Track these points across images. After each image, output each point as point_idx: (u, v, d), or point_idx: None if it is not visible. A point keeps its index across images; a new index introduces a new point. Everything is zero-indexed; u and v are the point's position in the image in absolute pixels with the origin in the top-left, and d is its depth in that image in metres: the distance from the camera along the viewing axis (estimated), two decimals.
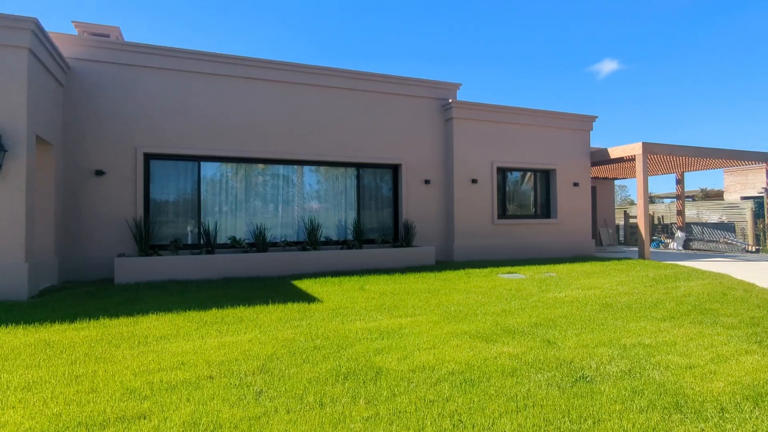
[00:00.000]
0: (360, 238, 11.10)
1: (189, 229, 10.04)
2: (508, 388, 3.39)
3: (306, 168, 11.32)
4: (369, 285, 7.93)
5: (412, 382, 3.50)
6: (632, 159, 13.44)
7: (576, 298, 6.86)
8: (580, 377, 3.61)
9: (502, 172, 13.24)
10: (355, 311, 5.94)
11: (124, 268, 8.31)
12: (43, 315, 5.66)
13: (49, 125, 8.04)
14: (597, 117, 14.28)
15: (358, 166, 11.75)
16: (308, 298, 6.75)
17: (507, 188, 13.38)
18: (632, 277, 8.86)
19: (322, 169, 11.48)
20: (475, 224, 12.41)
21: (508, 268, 10.22)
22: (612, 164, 14.81)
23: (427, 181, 12.14)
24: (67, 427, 2.79)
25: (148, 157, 9.64)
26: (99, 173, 9.05)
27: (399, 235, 11.80)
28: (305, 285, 7.99)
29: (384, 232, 11.91)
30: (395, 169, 12.11)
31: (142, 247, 8.88)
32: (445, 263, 11.34)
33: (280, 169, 11.08)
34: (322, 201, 11.49)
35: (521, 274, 9.41)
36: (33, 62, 7.14)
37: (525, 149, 13.27)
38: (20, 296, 6.73)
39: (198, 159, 10.10)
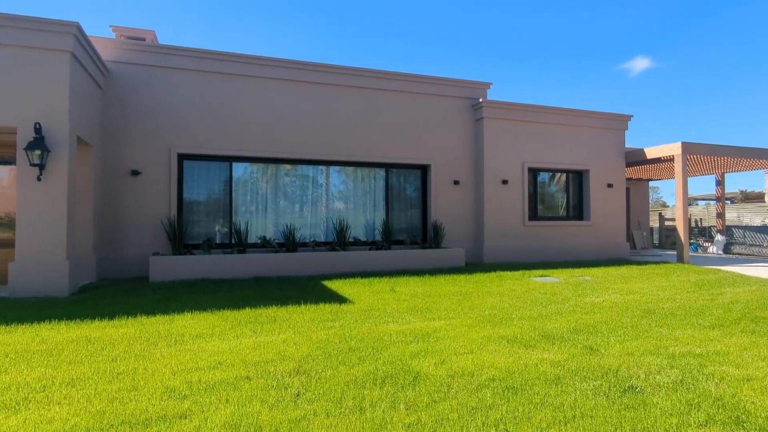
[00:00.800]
0: (389, 239, 11.04)
1: (220, 228, 10.17)
2: (553, 396, 3.26)
3: (334, 168, 11.33)
4: (399, 286, 7.86)
5: (452, 388, 3.40)
6: (670, 159, 12.97)
7: (615, 303, 6.62)
8: (628, 387, 3.44)
9: (534, 172, 12.96)
10: (388, 313, 5.87)
11: (159, 266, 8.46)
12: (83, 312, 5.79)
13: (89, 127, 8.26)
14: (632, 116, 13.84)
15: (387, 166, 11.69)
16: (339, 299, 6.72)
17: (538, 189, 13.09)
18: (673, 282, 8.51)
19: (350, 169, 11.47)
20: (506, 226, 12.18)
21: (541, 271, 9.98)
22: (646, 165, 14.33)
23: (456, 182, 11.98)
24: (111, 425, 2.80)
25: (182, 158, 9.81)
26: (135, 173, 9.25)
27: (428, 236, 11.69)
28: (335, 285, 7.97)
29: (412, 233, 11.81)
30: (424, 170, 11.99)
31: (176, 246, 9.04)
32: (474, 265, 11.17)
33: (309, 169, 11.12)
34: (350, 201, 11.47)
35: (555, 278, 9.17)
36: (75, 65, 7.34)
37: (557, 149, 12.96)
38: (61, 292, 6.92)
39: (229, 159, 10.23)
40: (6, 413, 2.99)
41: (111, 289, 7.64)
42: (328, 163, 11.13)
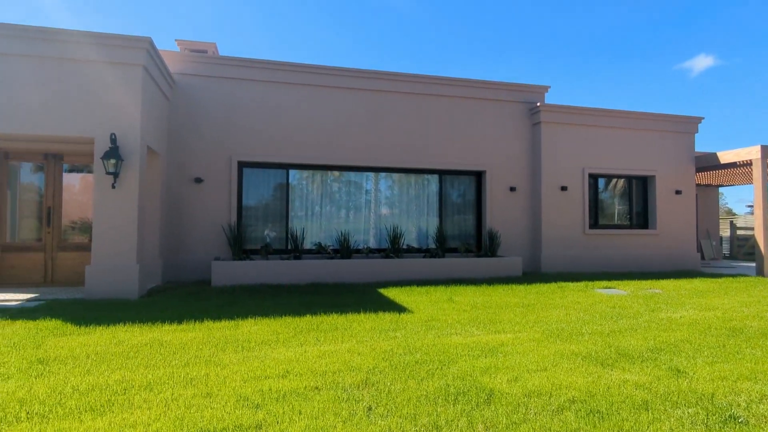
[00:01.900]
0: (443, 247, 10.85)
1: (277, 234, 10.36)
2: (646, 424, 3.00)
3: (387, 175, 11.30)
4: (457, 296, 7.67)
5: (530, 409, 3.21)
6: (747, 164, 12.04)
7: (694, 320, 6.14)
8: (729, 417, 3.12)
9: (594, 178, 12.39)
10: (449, 324, 5.71)
11: (220, 271, 8.71)
12: (153, 315, 6.01)
13: (158, 136, 8.65)
14: (703, 118, 12.96)
15: (441, 172, 11.54)
16: (398, 308, 6.63)
17: (599, 196, 12.50)
18: (757, 298, 7.83)
19: (403, 175, 11.40)
20: (565, 234, 11.69)
21: (605, 282, 9.48)
22: (717, 170, 13.37)
23: (512, 189, 11.64)
24: None
25: (241, 165, 10.09)
26: (198, 181, 9.60)
27: (482, 244, 11.41)
28: (392, 294, 7.90)
29: (466, 241, 11.57)
30: (479, 176, 11.74)
31: (236, 251, 9.28)
32: (532, 275, 10.78)
33: (363, 176, 11.15)
34: (403, 208, 11.40)
35: (620, 290, 8.67)
36: (146, 78, 7.71)
37: (620, 154, 12.34)
38: (131, 295, 7.24)
39: (286, 167, 10.42)
40: (93, 415, 3.10)
41: (176, 292, 7.92)
42: (381, 169, 11.12)
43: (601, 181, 12.63)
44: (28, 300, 6.98)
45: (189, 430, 2.86)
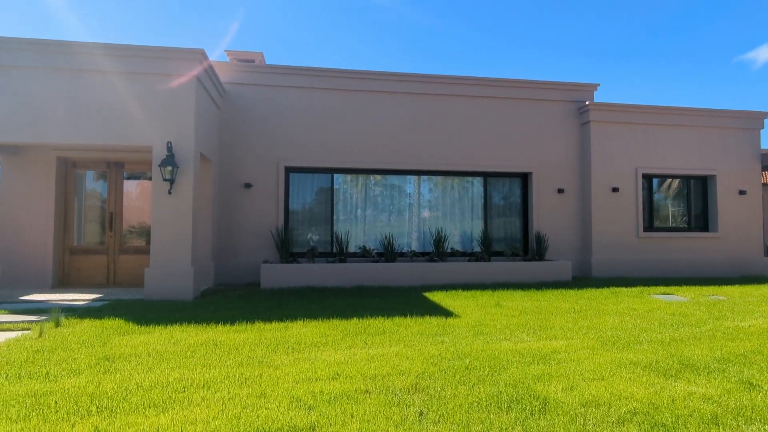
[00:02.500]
0: (488, 250, 10.67)
1: (322, 237, 10.52)
2: None
3: (430, 177, 11.25)
4: (505, 301, 7.51)
5: (588, 420, 3.09)
6: None
7: (765, 329, 5.72)
8: None
9: (648, 179, 11.83)
10: (498, 329, 5.60)
11: (269, 274, 8.94)
12: (207, 315, 6.24)
13: (210, 144, 9.00)
14: None
15: (485, 175, 11.37)
16: (444, 312, 6.56)
17: (654, 197, 11.93)
18: None
19: (447, 178, 11.31)
20: (617, 237, 11.22)
21: (662, 288, 9.01)
22: None
23: (560, 190, 11.30)
24: None
25: (288, 171, 10.33)
26: (247, 186, 9.91)
27: (529, 247, 11.13)
28: (437, 298, 7.84)
29: (512, 244, 11.32)
30: (525, 178, 11.48)
31: (283, 254, 9.50)
32: (582, 279, 10.41)
33: (407, 179, 11.15)
34: (447, 211, 11.30)
35: (680, 296, 8.22)
36: (199, 89, 8.05)
37: (676, 153, 11.72)
38: (186, 296, 7.55)
39: (331, 171, 10.58)
40: (156, 411, 3.24)
41: (228, 294, 8.19)
42: (425, 172, 11.08)
43: (656, 182, 12.04)
44: (93, 300, 7.42)
45: (246, 430, 2.94)
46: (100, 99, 7.53)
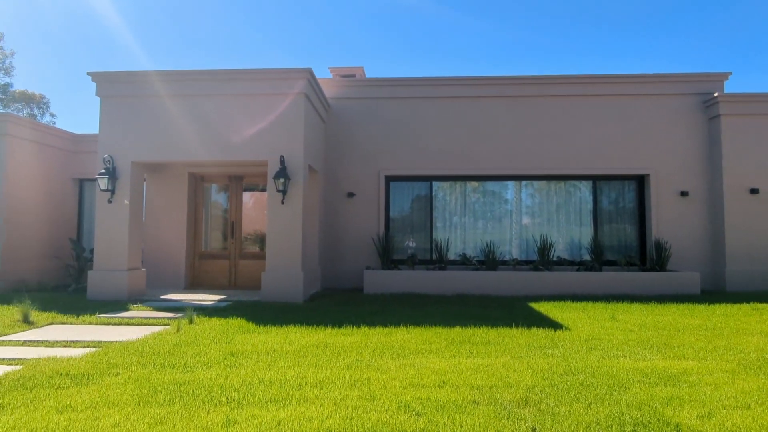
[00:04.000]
0: (599, 259, 9.93)
1: (421, 244, 10.60)
2: None
3: (533, 183, 10.79)
4: (620, 314, 6.93)
5: None
6: None
7: None
8: None
9: None
10: (615, 345, 5.18)
11: (371, 279, 9.22)
12: (316, 318, 6.60)
13: (316, 156, 9.55)
14: None
15: (594, 178, 10.63)
16: (552, 324, 6.24)
17: None
18: None
19: (552, 183, 10.76)
20: (757, 246, 9.80)
21: None
22: None
23: (683, 193, 10.18)
24: None
25: (389, 179, 10.59)
26: (350, 195, 10.34)
27: (647, 256, 10.15)
28: (544, 308, 7.47)
29: (627, 253, 10.41)
30: (640, 180, 10.53)
31: (384, 261, 9.73)
32: (713, 293, 9.24)
33: (508, 185, 10.82)
34: (552, 217, 10.74)
35: None
36: (307, 105, 8.60)
37: None
38: (297, 299, 8.05)
39: (429, 179, 10.64)
40: (276, 405, 3.50)
41: (334, 298, 8.59)
42: (528, 177, 10.67)
43: None
44: (218, 300, 8.23)
45: (358, 430, 3.06)
46: (222, 120, 8.38)
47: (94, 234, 8.51)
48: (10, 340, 5.51)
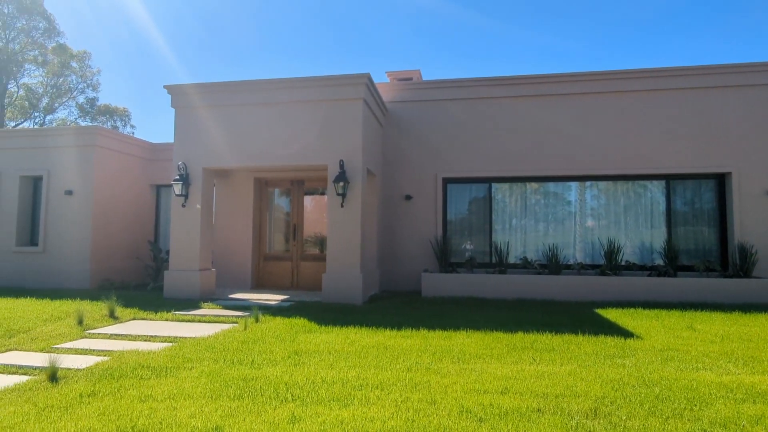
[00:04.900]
0: (673, 264, 9.29)
1: (479, 247, 10.41)
2: None
3: (598, 183, 10.28)
4: (699, 324, 6.45)
5: None
6: None
7: None
8: None
9: None
10: (693, 357, 4.83)
11: (429, 282, 9.19)
12: (375, 320, 6.67)
13: (374, 159, 9.68)
14: None
15: (667, 177, 9.96)
16: (622, 332, 5.92)
17: None
18: None
19: (619, 183, 10.20)
20: None
21: None
22: None
23: None
24: None
25: (446, 182, 10.51)
26: (408, 198, 10.37)
27: (729, 261, 9.37)
28: (612, 315, 7.10)
29: (704, 257, 9.66)
30: (720, 179, 9.74)
31: (442, 264, 9.66)
32: None
33: (571, 185, 10.39)
34: (619, 219, 10.18)
35: None
36: (365, 110, 8.74)
37: None
38: (357, 301, 8.18)
39: (488, 180, 10.44)
40: (339, 405, 3.58)
41: (392, 300, 8.64)
42: (592, 178, 10.19)
43: None
44: (282, 300, 8.53)
45: None
46: (285, 126, 8.70)
47: (169, 236, 9.10)
48: (99, 333, 6.03)
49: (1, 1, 24.38)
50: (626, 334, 5.84)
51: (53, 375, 4.21)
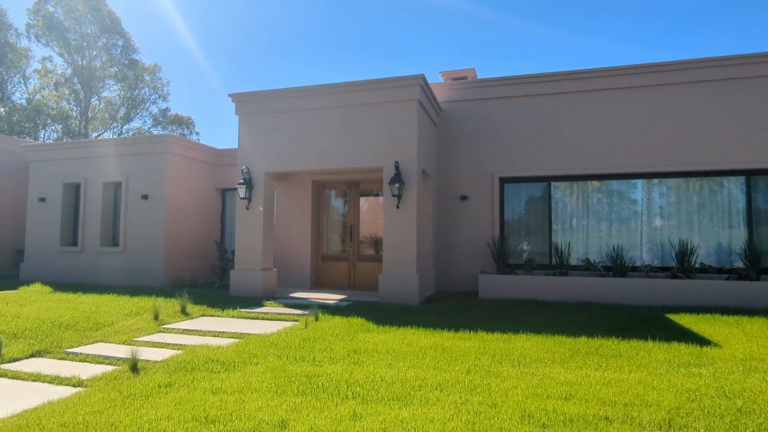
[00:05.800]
0: (755, 267, 8.57)
1: (538, 248, 10.12)
2: None
3: (667, 180, 9.67)
4: None
5: None
6: None
7: None
8: None
9: None
10: None
11: (487, 284, 9.05)
12: (433, 321, 6.66)
13: (429, 160, 9.67)
14: None
15: (747, 173, 9.20)
16: (697, 339, 5.55)
17: None
18: None
19: (691, 180, 9.54)
20: None
21: None
22: None
23: None
24: None
25: (503, 181, 10.30)
26: (463, 198, 10.27)
27: None
28: (685, 321, 6.67)
29: None
30: None
31: (500, 265, 9.48)
32: None
33: (636, 183, 9.85)
34: (691, 219, 9.52)
35: None
36: (420, 111, 8.75)
37: None
38: (413, 302, 8.22)
39: (547, 179, 10.12)
40: (399, 404, 3.63)
41: (448, 301, 8.60)
42: (660, 174, 9.60)
43: None
44: (340, 300, 8.73)
45: None
46: (341, 129, 8.90)
47: (234, 237, 9.57)
48: (172, 328, 6.46)
49: (85, 22, 26.63)
50: (702, 341, 5.47)
51: (134, 366, 4.56)
